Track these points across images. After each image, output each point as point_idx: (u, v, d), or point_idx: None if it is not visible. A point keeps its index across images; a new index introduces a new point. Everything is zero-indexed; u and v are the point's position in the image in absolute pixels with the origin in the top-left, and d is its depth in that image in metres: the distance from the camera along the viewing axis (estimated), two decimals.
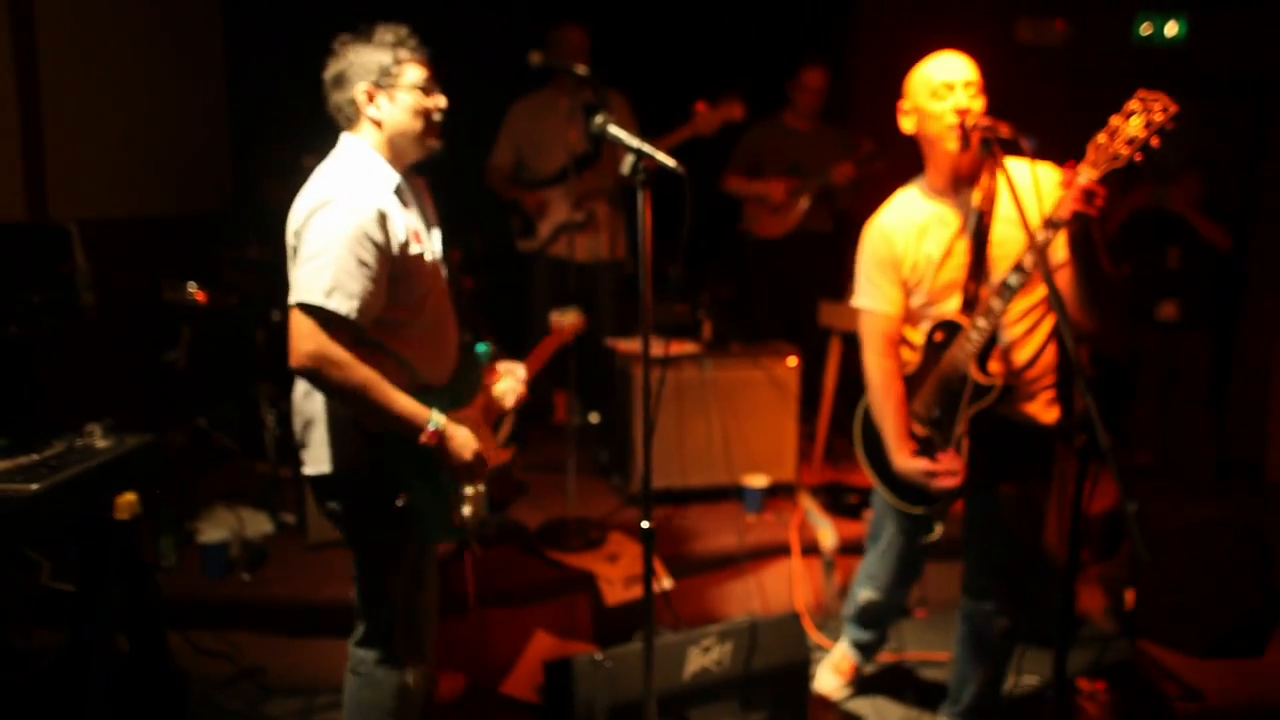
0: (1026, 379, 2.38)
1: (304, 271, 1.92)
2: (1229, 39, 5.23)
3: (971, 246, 2.33)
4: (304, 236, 1.94)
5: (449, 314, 2.24)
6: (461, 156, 3.17)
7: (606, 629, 3.25)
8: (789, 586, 3.57)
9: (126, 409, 2.66)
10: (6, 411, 2.69)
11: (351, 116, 2.06)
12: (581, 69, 2.75)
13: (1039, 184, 2.08)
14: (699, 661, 2.59)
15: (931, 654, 3.27)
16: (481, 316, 4.29)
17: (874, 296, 2.47)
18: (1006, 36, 5.36)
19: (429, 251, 2.13)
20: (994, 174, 2.30)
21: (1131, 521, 1.62)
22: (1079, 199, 2.02)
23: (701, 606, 3.46)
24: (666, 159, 1.93)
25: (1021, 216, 2.00)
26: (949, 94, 2.25)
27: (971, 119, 2.20)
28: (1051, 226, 2.07)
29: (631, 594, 3.27)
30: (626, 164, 1.94)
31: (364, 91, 2.02)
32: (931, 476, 2.37)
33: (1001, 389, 2.28)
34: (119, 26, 4.28)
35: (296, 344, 1.91)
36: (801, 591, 3.57)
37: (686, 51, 5.15)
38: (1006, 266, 2.21)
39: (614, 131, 1.97)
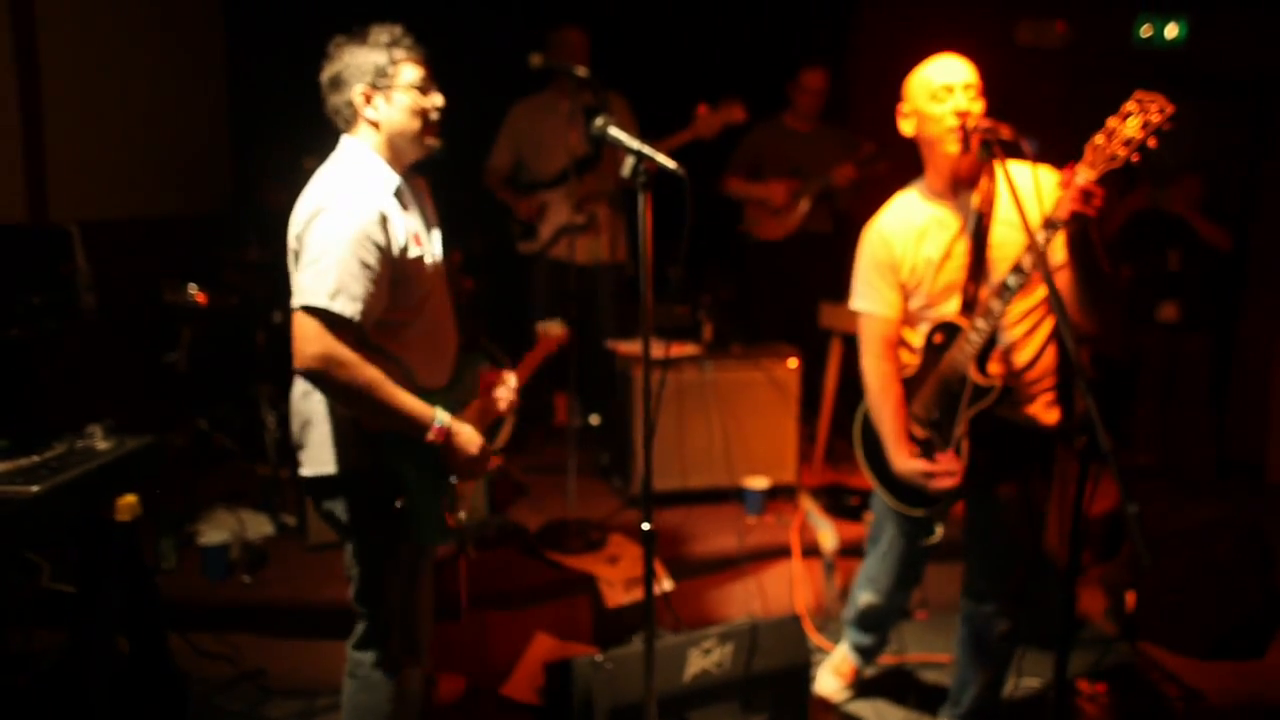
0: (1026, 380, 2.38)
1: (307, 275, 1.92)
2: (1229, 40, 5.23)
3: (971, 248, 2.33)
4: (306, 240, 1.94)
5: (448, 316, 2.24)
6: (462, 157, 3.18)
7: (607, 631, 3.25)
8: (789, 588, 3.57)
9: (127, 410, 2.66)
10: (7, 413, 2.69)
11: (350, 118, 2.06)
12: (582, 71, 2.74)
13: (1039, 186, 2.08)
14: (699, 663, 2.59)
15: (932, 656, 3.27)
16: (482, 318, 4.29)
17: (872, 299, 2.47)
18: (1006, 38, 5.37)
19: (429, 254, 2.13)
20: (993, 176, 2.30)
21: (1132, 523, 1.61)
22: (1077, 199, 2.01)
23: (702, 608, 3.46)
24: (667, 161, 1.93)
25: (1022, 218, 2.00)
26: (949, 96, 2.25)
27: (972, 121, 2.20)
28: (1050, 227, 2.07)
29: (632, 596, 3.27)
30: (627, 166, 1.93)
31: (361, 93, 2.01)
32: (930, 477, 2.37)
33: (1001, 390, 2.28)
34: (120, 27, 4.28)
35: (303, 346, 1.91)
36: (802, 593, 3.57)
37: (687, 53, 5.15)
38: (1006, 268, 2.21)
39: (614, 134, 1.96)
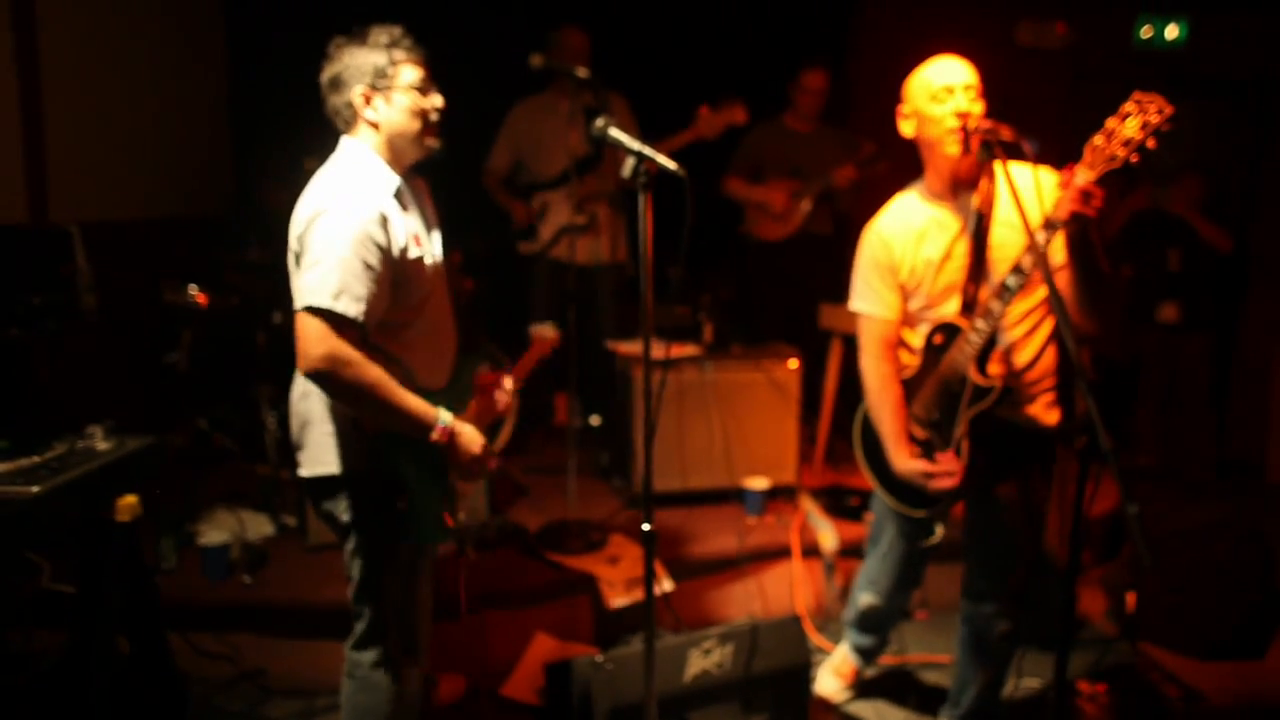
0: (1027, 381, 2.38)
1: (310, 276, 1.91)
2: (1229, 41, 5.23)
3: (971, 249, 2.33)
4: (307, 241, 1.94)
5: (448, 316, 2.24)
6: (462, 158, 3.18)
7: (607, 631, 3.26)
8: (790, 589, 3.57)
9: (127, 411, 2.66)
10: (7, 413, 2.68)
11: (349, 119, 2.06)
12: (582, 71, 2.75)
13: (1039, 187, 2.08)
14: (700, 664, 2.59)
15: (933, 656, 3.27)
16: (481, 318, 4.29)
17: (871, 301, 2.47)
18: (1007, 39, 5.36)
19: (429, 255, 2.13)
20: (993, 177, 2.30)
21: (1133, 523, 1.61)
22: (1076, 200, 2.02)
23: (702, 609, 3.46)
24: (667, 162, 1.93)
25: (1022, 218, 2.00)
26: (949, 98, 2.25)
27: (972, 122, 2.20)
28: (1049, 227, 2.07)
29: (632, 596, 3.27)
30: (627, 167, 1.94)
31: (360, 94, 2.01)
32: (930, 478, 2.37)
33: (1001, 391, 2.28)
34: (121, 28, 4.29)
35: (307, 347, 1.90)
36: (802, 594, 3.57)
37: (687, 54, 5.15)
38: (1006, 269, 2.21)
39: (615, 134, 1.96)
